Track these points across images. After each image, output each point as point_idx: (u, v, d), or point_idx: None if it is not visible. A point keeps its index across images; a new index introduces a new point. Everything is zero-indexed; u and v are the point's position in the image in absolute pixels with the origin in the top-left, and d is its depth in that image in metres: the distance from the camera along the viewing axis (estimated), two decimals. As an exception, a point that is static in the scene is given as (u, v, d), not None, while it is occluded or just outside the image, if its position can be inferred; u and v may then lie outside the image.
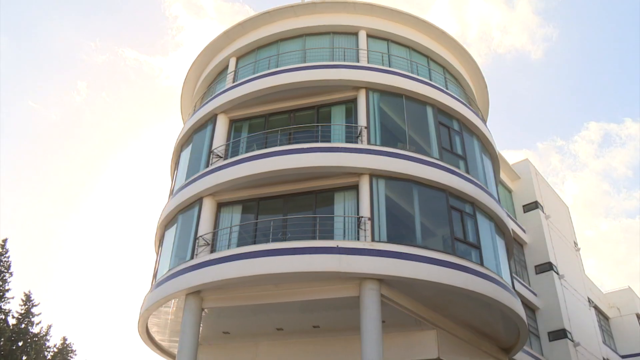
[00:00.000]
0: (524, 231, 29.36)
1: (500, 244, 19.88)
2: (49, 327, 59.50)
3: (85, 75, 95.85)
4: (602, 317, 36.46)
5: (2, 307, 48.94)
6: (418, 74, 21.02)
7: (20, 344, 52.90)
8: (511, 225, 22.43)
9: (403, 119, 19.50)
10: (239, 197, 18.42)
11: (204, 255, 16.96)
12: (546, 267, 28.42)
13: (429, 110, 19.92)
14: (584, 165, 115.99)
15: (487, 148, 21.91)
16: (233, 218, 18.49)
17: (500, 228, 19.99)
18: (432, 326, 17.55)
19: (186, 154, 21.21)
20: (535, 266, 28.68)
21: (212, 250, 17.37)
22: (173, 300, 17.49)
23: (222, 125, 20.20)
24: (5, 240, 50.85)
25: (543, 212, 30.27)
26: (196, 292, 16.75)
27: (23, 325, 53.44)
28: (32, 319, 54.60)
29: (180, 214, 19.36)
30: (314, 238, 16.40)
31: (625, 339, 36.89)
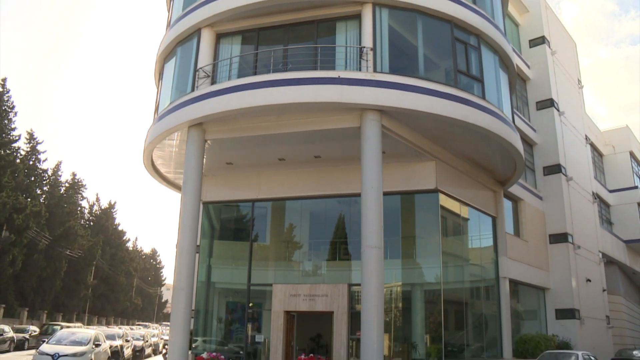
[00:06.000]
0: (528, 66, 28.90)
1: (504, 78, 19.67)
2: (59, 163, 61.53)
3: None
4: (597, 154, 37.25)
5: (11, 145, 50.06)
6: None
7: (32, 179, 54.99)
8: (516, 59, 22.06)
9: (409, -57, 18.28)
10: (238, 27, 17.86)
11: (204, 88, 16.85)
12: (547, 103, 28.39)
13: None
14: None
15: (497, -23, 20.83)
16: (233, 49, 18.09)
17: (505, 62, 19.66)
18: (431, 158, 17.97)
19: (181, -17, 20.21)
20: (537, 102, 28.63)
21: (213, 82, 17.22)
22: (176, 133, 17.71)
23: (218, -50, 18.99)
24: (4, 80, 50.45)
25: (549, 47, 29.53)
26: (198, 124, 16.91)
27: (31, 162, 55.14)
28: (39, 156, 56.22)
29: (178, 46, 18.93)
30: (315, 69, 16.13)
31: (616, 175, 38.07)
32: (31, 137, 55.42)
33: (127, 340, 25.93)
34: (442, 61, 17.76)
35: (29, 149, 55.12)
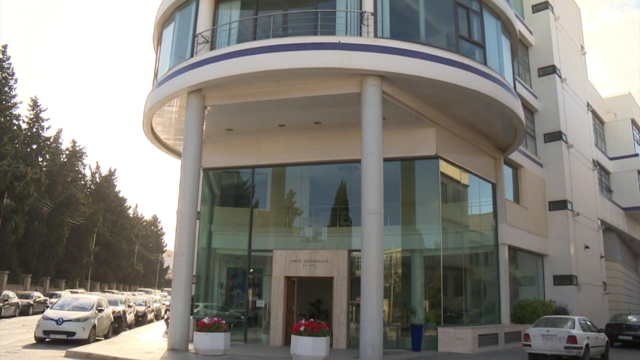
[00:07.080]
0: (530, 32, 28.55)
1: (505, 44, 19.50)
2: (59, 131, 61.28)
3: None
4: (598, 121, 37.09)
5: (12, 112, 49.75)
6: None
7: (34, 146, 54.87)
8: (518, 25, 21.79)
9: None
10: (237, -9, 17.65)
11: (203, 53, 16.71)
12: (549, 70, 28.15)
13: None
14: None
15: (501, -60, 20.44)
16: (232, 14, 17.88)
17: (507, 28, 19.46)
18: (432, 124, 17.92)
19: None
20: (539, 69, 28.38)
21: (212, 48, 17.08)
22: (176, 99, 17.63)
23: None
24: (5, 46, 49.81)
25: (552, 13, 29.14)
26: (198, 90, 16.82)
27: (34, 130, 54.95)
28: (42, 124, 55.98)
29: (177, 11, 18.71)
30: (315, 34, 15.98)
31: (617, 142, 37.95)
32: (35, 104, 55.08)
33: (129, 306, 26.21)
34: (444, 26, 17.56)
35: (32, 116, 54.86)
